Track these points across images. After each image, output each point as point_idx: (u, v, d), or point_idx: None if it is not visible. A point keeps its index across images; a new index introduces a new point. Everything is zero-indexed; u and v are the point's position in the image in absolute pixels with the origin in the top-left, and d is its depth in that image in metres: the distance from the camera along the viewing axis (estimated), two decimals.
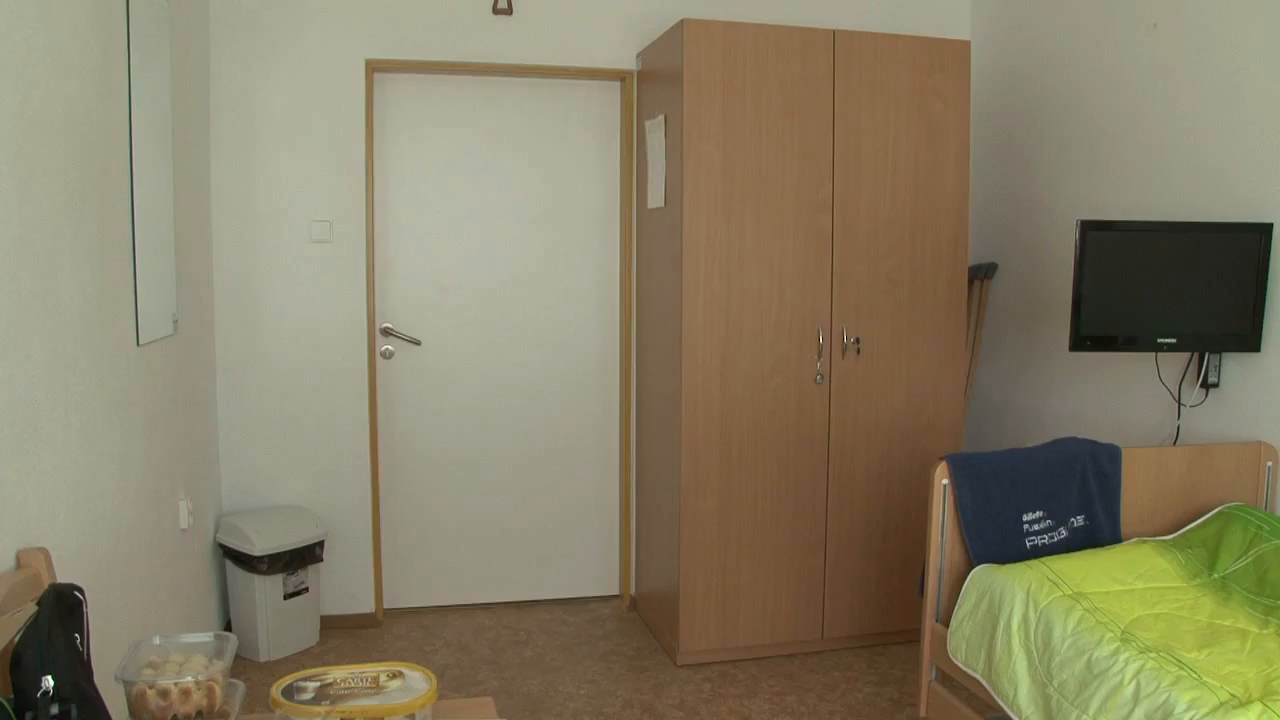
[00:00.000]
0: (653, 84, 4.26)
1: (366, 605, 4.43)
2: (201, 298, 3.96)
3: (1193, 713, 2.16)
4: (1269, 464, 3.19)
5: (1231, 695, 2.19)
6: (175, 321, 3.40)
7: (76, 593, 1.69)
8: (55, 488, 2.20)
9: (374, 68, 4.25)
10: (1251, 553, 2.86)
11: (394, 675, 1.80)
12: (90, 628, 1.72)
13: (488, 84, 4.51)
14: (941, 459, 3.05)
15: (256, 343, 4.24)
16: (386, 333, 4.53)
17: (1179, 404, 3.52)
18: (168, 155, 3.31)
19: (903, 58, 3.98)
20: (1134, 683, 2.32)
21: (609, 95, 4.62)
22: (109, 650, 2.21)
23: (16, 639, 1.52)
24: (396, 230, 4.47)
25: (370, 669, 1.81)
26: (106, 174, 2.63)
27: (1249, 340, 3.24)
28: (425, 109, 4.47)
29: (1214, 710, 2.14)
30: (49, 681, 1.46)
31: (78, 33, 2.41)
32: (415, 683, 1.78)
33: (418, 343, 4.55)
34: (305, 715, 1.66)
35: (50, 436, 2.18)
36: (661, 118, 4.06)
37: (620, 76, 4.48)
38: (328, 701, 1.69)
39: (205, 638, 1.84)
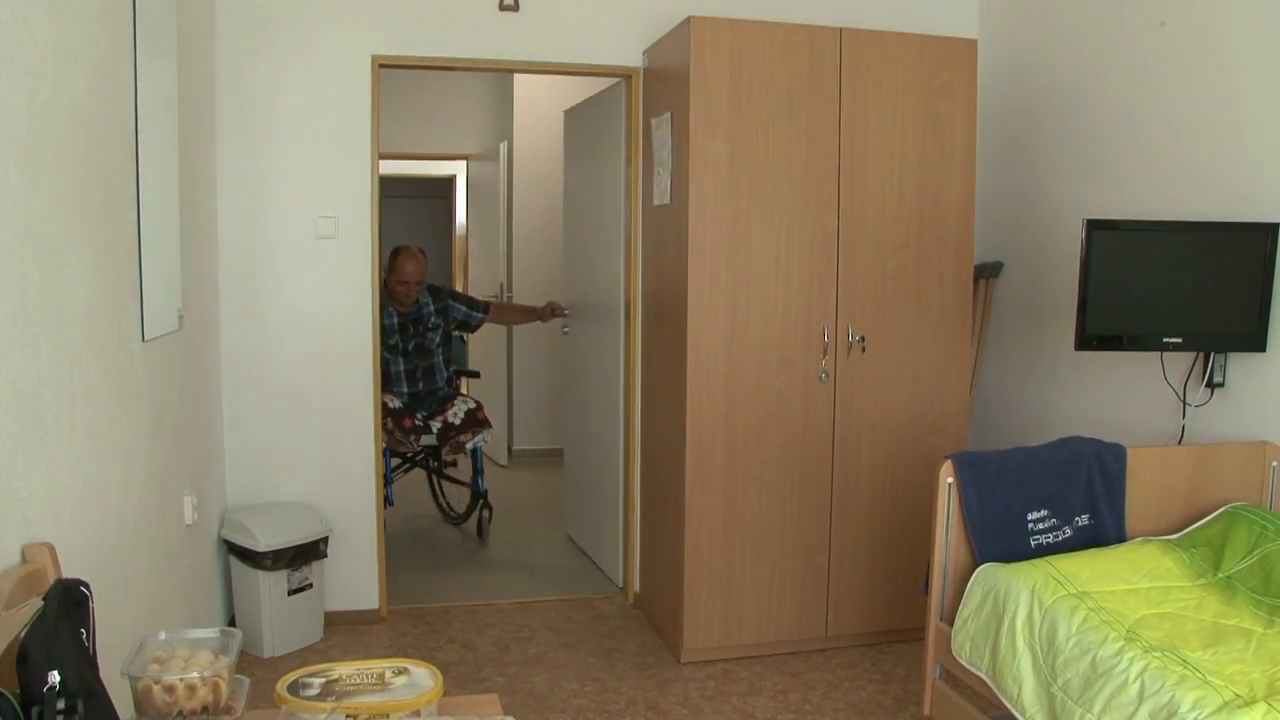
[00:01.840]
0: (659, 82, 4.26)
1: (371, 602, 4.44)
2: (207, 293, 3.96)
3: (1197, 712, 2.15)
4: (1274, 464, 3.19)
5: (1236, 695, 2.19)
6: (181, 317, 3.40)
7: (82, 588, 1.69)
8: (61, 483, 2.20)
9: (380, 64, 4.24)
10: (1256, 552, 2.85)
11: (399, 671, 1.79)
12: (96, 623, 1.72)
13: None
14: (946, 457, 3.04)
15: (261, 338, 4.24)
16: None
17: (1184, 404, 3.52)
18: (174, 150, 3.31)
19: (909, 56, 3.98)
20: (1138, 682, 2.32)
21: (615, 93, 4.61)
22: (113, 645, 2.21)
23: (23, 634, 1.52)
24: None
25: (375, 665, 1.81)
26: (113, 169, 2.63)
27: (1254, 340, 3.23)
28: None
29: (1218, 710, 2.14)
30: (55, 676, 1.46)
31: (85, 27, 2.41)
32: (421, 679, 1.78)
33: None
34: (311, 711, 1.66)
35: (56, 432, 2.18)
36: (667, 115, 4.06)
37: (626, 74, 4.47)
38: (333, 698, 1.69)
39: (211, 633, 1.84)
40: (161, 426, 3.15)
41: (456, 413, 5.42)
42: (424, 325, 5.47)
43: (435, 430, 5.38)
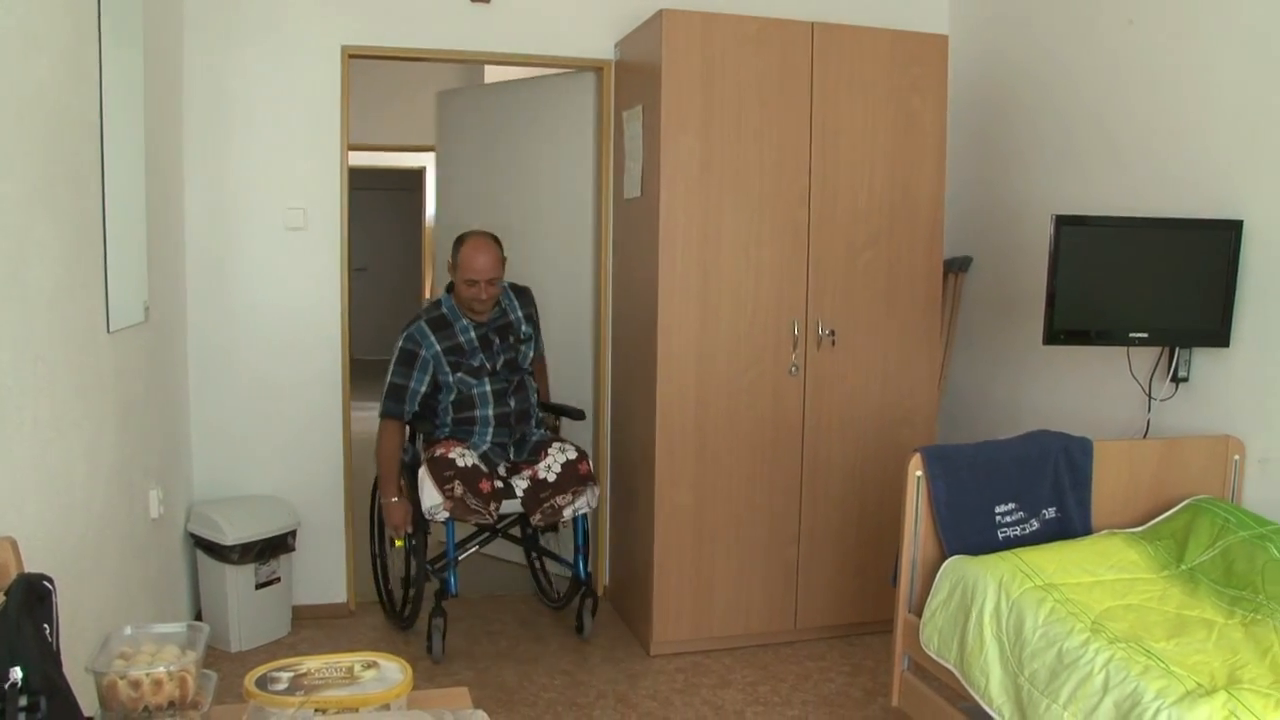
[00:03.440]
0: (631, 74, 4.25)
1: (339, 595, 4.41)
2: (173, 285, 3.92)
3: (1160, 701, 2.18)
4: (1236, 457, 3.23)
5: (1198, 684, 2.22)
6: (147, 309, 3.36)
7: (45, 582, 1.67)
8: (24, 476, 2.17)
9: (350, 54, 4.21)
10: (1218, 545, 2.89)
11: (369, 665, 1.78)
12: (59, 618, 1.70)
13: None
14: (915, 451, 3.06)
15: (229, 330, 4.20)
16: None
17: (1149, 398, 3.56)
18: (140, 140, 3.27)
19: (881, 51, 3.99)
20: (1103, 672, 2.35)
21: (586, 85, 4.60)
22: (78, 641, 2.19)
23: None
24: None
25: (345, 659, 1.80)
26: (77, 158, 2.60)
27: (1218, 336, 3.27)
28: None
29: (1181, 699, 2.17)
30: (17, 673, 1.44)
31: (48, 14, 2.38)
32: (390, 673, 1.77)
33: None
34: (279, 706, 1.65)
35: (19, 424, 2.15)
36: (639, 108, 4.05)
37: (598, 67, 4.46)
38: (302, 692, 1.68)
39: (177, 628, 1.81)
40: (127, 419, 3.12)
41: (551, 465, 3.95)
42: (514, 335, 4.10)
43: (521, 491, 3.94)
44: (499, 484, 3.89)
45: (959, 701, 2.88)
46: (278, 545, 4.09)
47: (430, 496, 3.77)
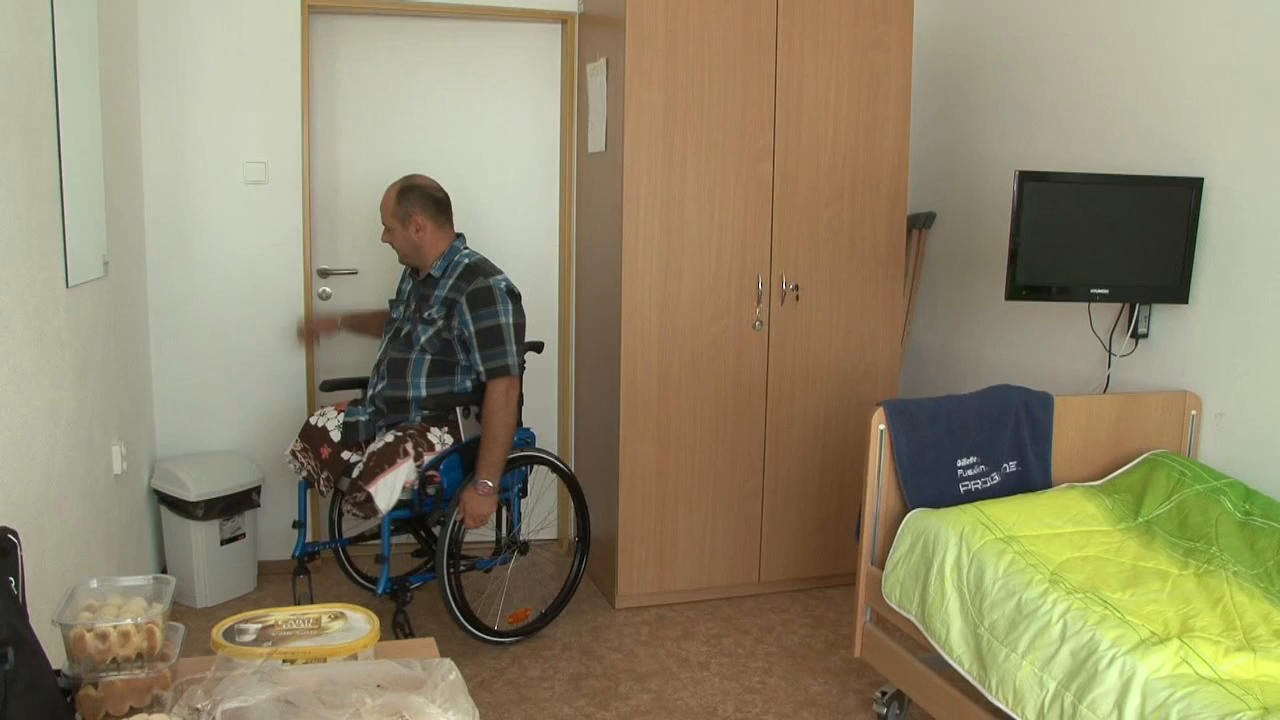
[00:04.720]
0: (595, 27, 4.21)
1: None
2: (133, 239, 3.86)
3: (1115, 650, 2.23)
4: (1193, 413, 3.29)
5: (1152, 633, 2.28)
6: (106, 263, 3.31)
7: (10, 536, 1.66)
8: None
9: (310, 6, 4.14)
10: (1174, 498, 2.95)
11: (336, 616, 1.79)
12: (25, 572, 1.69)
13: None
14: (878, 405, 3.08)
15: (190, 285, 4.15)
16: (324, 274, 4.49)
17: (1109, 353, 3.60)
18: (95, 92, 3.20)
19: (846, 6, 3.98)
20: (1061, 622, 2.40)
21: (551, 37, 4.55)
22: (41, 599, 2.18)
23: None
24: (333, 174, 4.40)
25: (312, 610, 1.80)
26: (30, 110, 2.54)
27: (1177, 292, 3.31)
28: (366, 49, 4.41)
29: (1135, 647, 2.22)
30: None
31: None
32: (358, 624, 1.77)
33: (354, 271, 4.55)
34: (248, 657, 1.65)
35: None
36: (603, 61, 4.02)
37: (562, 19, 4.42)
38: (270, 643, 1.68)
39: (143, 580, 1.80)
40: (87, 375, 3.08)
41: (375, 447, 3.45)
42: (423, 309, 3.60)
43: (355, 474, 3.43)
44: (351, 458, 3.55)
45: (920, 652, 2.93)
46: (242, 501, 4.07)
47: (289, 446, 3.67)
